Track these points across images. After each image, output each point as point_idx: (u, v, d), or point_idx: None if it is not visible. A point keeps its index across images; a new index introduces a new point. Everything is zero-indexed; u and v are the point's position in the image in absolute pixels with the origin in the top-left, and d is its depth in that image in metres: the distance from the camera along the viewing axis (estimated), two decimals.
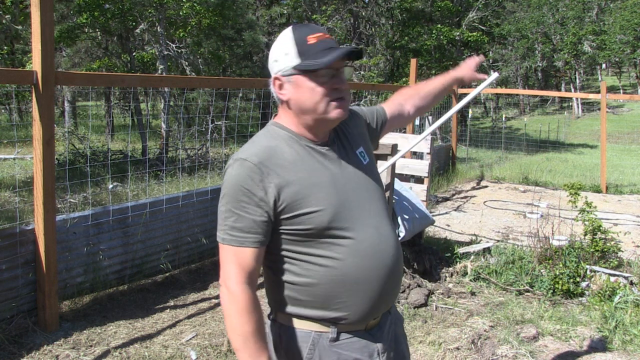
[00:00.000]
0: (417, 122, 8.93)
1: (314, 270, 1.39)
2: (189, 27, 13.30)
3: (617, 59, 33.80)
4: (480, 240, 5.65)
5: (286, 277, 1.43)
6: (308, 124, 1.44)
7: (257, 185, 1.35)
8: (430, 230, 6.05)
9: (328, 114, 1.41)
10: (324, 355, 1.42)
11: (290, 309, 1.45)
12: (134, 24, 12.41)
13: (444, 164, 10.09)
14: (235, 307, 1.35)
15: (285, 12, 21.52)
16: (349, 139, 1.55)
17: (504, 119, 22.45)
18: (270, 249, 1.42)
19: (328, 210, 1.37)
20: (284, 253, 1.42)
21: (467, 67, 1.90)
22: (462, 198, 8.51)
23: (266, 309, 1.53)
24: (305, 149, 1.44)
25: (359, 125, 1.63)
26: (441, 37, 20.28)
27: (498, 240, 5.75)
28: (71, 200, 6.62)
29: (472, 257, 4.93)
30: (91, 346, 3.34)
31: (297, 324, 1.45)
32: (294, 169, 1.39)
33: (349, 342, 1.44)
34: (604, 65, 42.69)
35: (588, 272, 4.43)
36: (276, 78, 1.43)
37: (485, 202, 8.19)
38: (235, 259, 1.37)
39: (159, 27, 12.11)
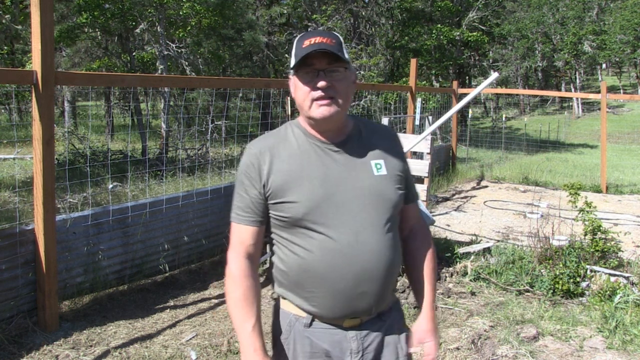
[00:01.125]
0: (417, 122, 8.93)
1: (290, 256, 1.52)
2: (189, 27, 13.30)
3: (617, 59, 33.79)
4: (480, 240, 5.65)
5: (274, 258, 1.58)
6: (307, 121, 1.55)
7: (255, 171, 1.52)
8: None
9: (312, 113, 1.49)
10: (297, 338, 1.54)
11: (277, 289, 1.59)
12: (134, 24, 12.40)
13: (444, 164, 10.09)
14: (230, 275, 1.54)
15: (285, 12, 21.51)
16: (368, 148, 1.57)
17: (504, 119, 22.44)
18: (267, 230, 1.59)
19: (305, 204, 1.47)
20: (273, 235, 1.57)
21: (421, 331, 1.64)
22: (462, 198, 8.51)
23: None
24: (311, 145, 1.54)
25: (392, 147, 1.61)
26: (441, 37, 20.29)
27: (498, 240, 5.75)
28: (71, 200, 6.62)
29: (472, 257, 4.93)
30: (91, 346, 3.34)
31: (283, 304, 1.59)
32: (288, 161, 1.52)
33: (322, 332, 1.53)
34: (604, 65, 42.69)
35: (588, 272, 4.43)
36: (289, 78, 1.57)
37: (485, 202, 8.19)
38: (236, 234, 1.58)
39: (159, 27, 12.11)
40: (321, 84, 1.45)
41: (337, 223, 1.47)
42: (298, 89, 1.50)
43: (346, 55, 1.49)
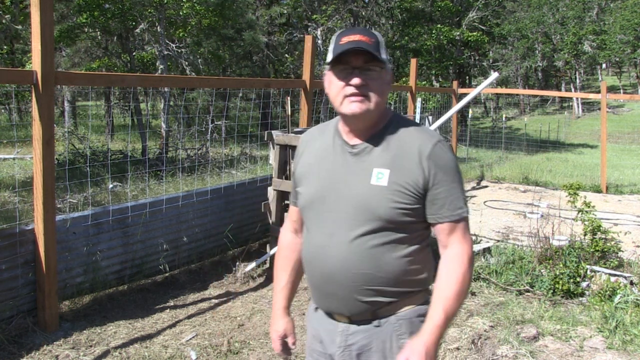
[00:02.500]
0: (417, 122, 8.92)
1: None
2: (189, 27, 13.30)
3: (617, 59, 33.80)
4: (481, 240, 5.65)
5: None
6: (341, 118, 1.57)
7: (296, 158, 1.69)
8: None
9: (343, 109, 1.49)
10: (310, 318, 1.71)
11: None
12: (134, 24, 12.40)
13: None
14: (277, 245, 1.81)
15: (285, 12, 21.51)
16: (381, 153, 1.50)
17: (504, 118, 22.43)
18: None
19: (305, 197, 1.59)
20: None
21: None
22: None
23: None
24: (333, 142, 1.58)
25: (414, 157, 1.47)
26: (441, 37, 20.29)
27: (498, 240, 5.75)
28: (71, 200, 6.62)
29: None
30: (91, 346, 3.34)
31: None
32: (312, 154, 1.62)
33: (322, 319, 1.63)
34: (604, 65, 42.69)
35: (588, 272, 4.43)
36: (324, 74, 1.58)
37: (485, 202, 8.19)
38: (289, 211, 1.79)
39: (159, 27, 12.11)
40: (355, 81, 1.44)
41: (320, 224, 1.54)
42: (332, 84, 1.50)
43: (384, 55, 1.47)
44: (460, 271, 1.50)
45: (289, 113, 4.87)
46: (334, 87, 1.49)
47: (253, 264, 4.64)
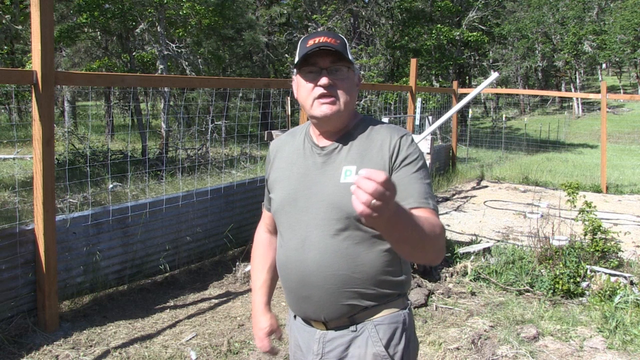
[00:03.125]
0: (417, 122, 8.92)
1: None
2: (189, 27, 13.31)
3: (617, 59, 33.77)
4: (481, 240, 5.65)
5: None
6: (311, 120, 1.56)
7: (268, 165, 1.68)
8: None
9: (313, 112, 1.49)
10: (290, 326, 1.68)
11: None
12: (134, 24, 12.41)
13: (444, 164, 10.08)
14: (253, 244, 1.82)
15: (285, 12, 21.53)
16: (350, 151, 1.50)
17: (504, 118, 22.44)
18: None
19: (277, 202, 1.58)
20: None
21: None
22: (462, 198, 8.51)
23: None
24: (304, 145, 1.58)
25: (381, 152, 1.48)
26: (441, 37, 20.28)
27: (498, 240, 5.75)
28: (71, 200, 6.62)
29: (472, 257, 4.93)
30: (91, 346, 3.34)
31: None
32: (284, 159, 1.61)
33: (300, 327, 1.62)
34: (604, 65, 42.67)
35: (588, 272, 4.43)
36: (292, 79, 1.59)
37: (485, 202, 8.19)
38: (263, 214, 1.80)
39: (159, 27, 12.11)
40: (323, 81, 1.45)
41: (293, 226, 1.52)
42: (301, 87, 1.50)
43: (350, 56, 1.49)
44: (434, 222, 1.35)
45: (289, 113, 4.87)
46: (303, 90, 1.49)
47: None
